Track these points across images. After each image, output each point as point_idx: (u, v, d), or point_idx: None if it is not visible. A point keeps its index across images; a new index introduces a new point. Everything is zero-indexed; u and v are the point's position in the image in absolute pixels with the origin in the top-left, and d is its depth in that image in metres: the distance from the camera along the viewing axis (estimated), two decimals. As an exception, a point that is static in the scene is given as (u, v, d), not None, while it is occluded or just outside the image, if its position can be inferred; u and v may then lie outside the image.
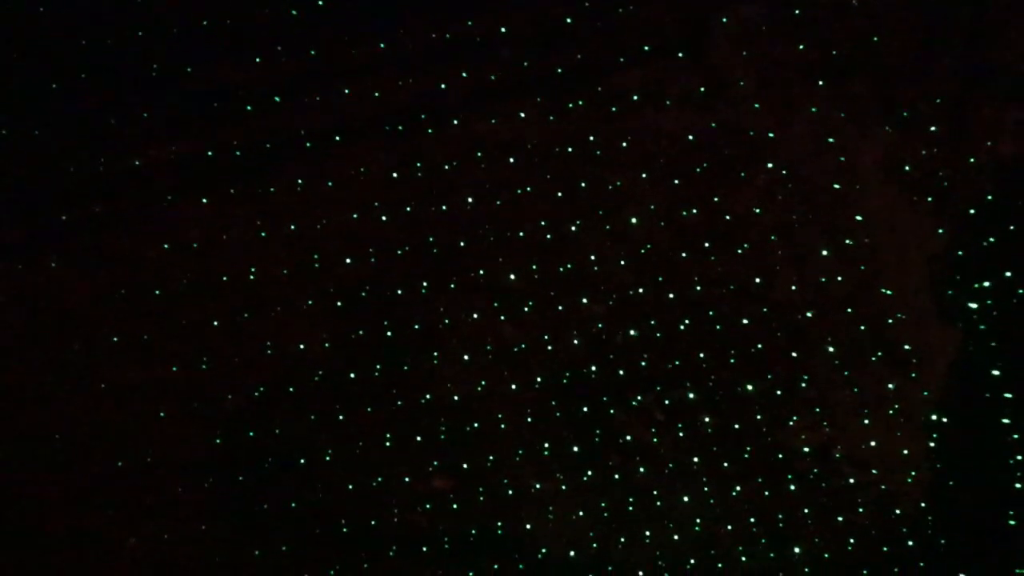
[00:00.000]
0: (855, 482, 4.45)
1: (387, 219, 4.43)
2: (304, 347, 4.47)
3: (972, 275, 4.32)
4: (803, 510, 4.49)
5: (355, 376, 4.49)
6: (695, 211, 4.39)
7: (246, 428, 4.50)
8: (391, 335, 4.48)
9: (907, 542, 4.44)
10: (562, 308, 4.48)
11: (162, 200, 4.39)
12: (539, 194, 4.41)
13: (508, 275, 4.46)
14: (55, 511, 4.48)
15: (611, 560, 4.57)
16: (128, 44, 4.33)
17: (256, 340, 4.46)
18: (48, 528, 4.49)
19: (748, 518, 4.52)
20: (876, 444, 4.42)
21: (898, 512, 4.45)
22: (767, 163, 4.36)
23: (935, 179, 4.33)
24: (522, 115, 4.37)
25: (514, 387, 4.51)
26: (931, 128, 4.29)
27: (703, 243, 4.41)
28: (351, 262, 4.46)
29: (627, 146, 4.37)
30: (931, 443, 4.40)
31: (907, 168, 4.33)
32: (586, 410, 4.52)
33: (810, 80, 4.34)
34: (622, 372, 4.49)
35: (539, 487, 4.55)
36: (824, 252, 4.38)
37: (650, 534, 4.54)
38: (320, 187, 4.40)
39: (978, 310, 4.32)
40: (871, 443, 4.43)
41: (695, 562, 4.55)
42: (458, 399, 4.51)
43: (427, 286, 4.46)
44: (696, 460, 4.50)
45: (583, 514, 4.55)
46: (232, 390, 4.48)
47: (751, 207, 4.38)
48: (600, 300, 4.48)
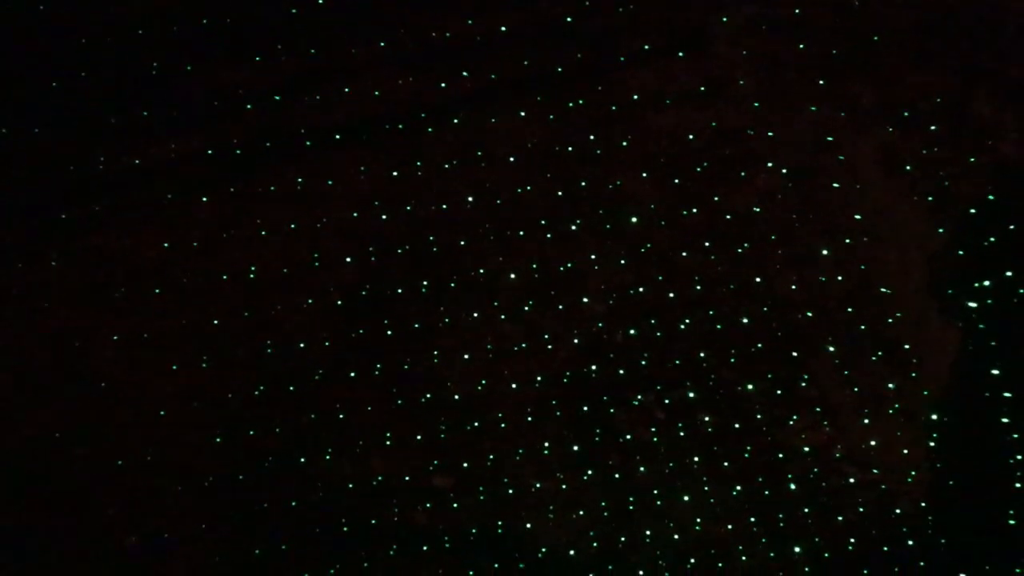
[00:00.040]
0: (855, 482, 4.45)
1: (387, 219, 4.43)
2: (304, 347, 4.47)
3: (972, 275, 4.32)
4: (803, 510, 4.48)
5: (355, 376, 4.49)
6: (695, 211, 4.40)
7: (246, 428, 4.50)
8: (391, 335, 4.48)
9: (907, 542, 4.44)
10: (562, 308, 4.48)
11: (162, 200, 4.40)
12: (539, 194, 4.42)
13: (508, 275, 4.46)
14: (55, 511, 4.48)
15: (611, 559, 4.57)
16: (128, 44, 4.34)
17: (256, 340, 4.46)
18: (48, 528, 4.49)
19: (748, 518, 4.52)
20: (876, 444, 4.42)
21: (898, 512, 4.44)
22: (767, 163, 4.37)
23: (935, 179, 4.33)
24: (522, 115, 4.38)
25: (514, 386, 4.51)
26: (931, 128, 4.30)
27: (703, 243, 4.41)
28: (351, 262, 4.46)
29: (627, 146, 4.37)
30: (931, 443, 4.40)
31: (907, 168, 4.33)
32: (586, 409, 4.52)
33: (810, 80, 4.34)
34: (622, 371, 4.49)
35: (539, 486, 4.55)
36: (824, 252, 4.38)
37: (650, 533, 4.54)
38: (320, 187, 4.41)
39: (978, 310, 4.32)
40: (871, 443, 4.42)
41: (695, 562, 4.54)
42: (458, 398, 4.51)
43: (427, 286, 4.46)
44: (696, 459, 4.50)
45: (583, 513, 4.55)
46: (232, 390, 4.48)
47: (751, 207, 4.38)
48: (600, 300, 4.48)
